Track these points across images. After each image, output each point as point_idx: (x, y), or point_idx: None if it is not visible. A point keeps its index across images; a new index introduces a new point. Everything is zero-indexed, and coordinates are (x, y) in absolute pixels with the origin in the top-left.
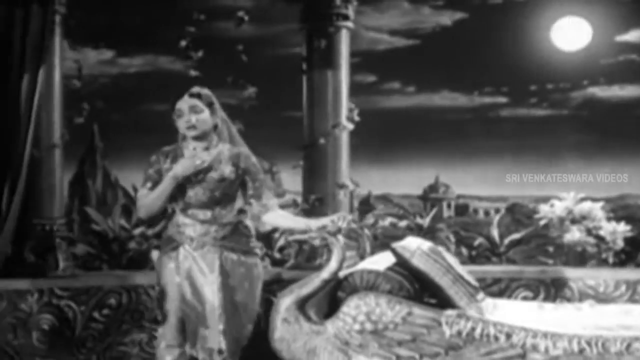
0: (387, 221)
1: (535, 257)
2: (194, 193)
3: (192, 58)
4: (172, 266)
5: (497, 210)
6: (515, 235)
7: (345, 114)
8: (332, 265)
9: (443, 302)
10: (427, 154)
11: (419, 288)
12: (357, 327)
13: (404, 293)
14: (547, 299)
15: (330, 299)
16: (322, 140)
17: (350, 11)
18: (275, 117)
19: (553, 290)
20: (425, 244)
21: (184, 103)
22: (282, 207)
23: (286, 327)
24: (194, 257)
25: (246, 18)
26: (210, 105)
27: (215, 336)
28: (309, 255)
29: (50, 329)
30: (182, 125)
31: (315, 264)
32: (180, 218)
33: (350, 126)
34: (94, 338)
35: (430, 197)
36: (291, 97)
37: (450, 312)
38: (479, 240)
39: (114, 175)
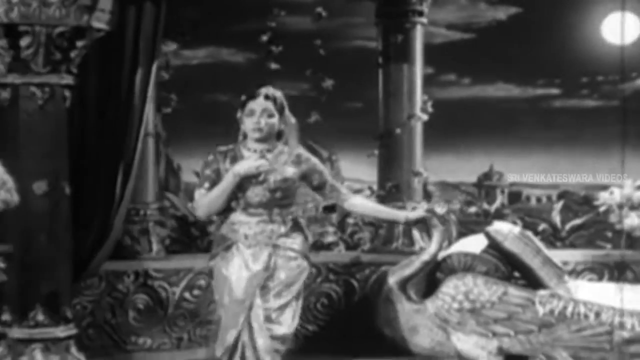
0: (457, 207)
1: (595, 241)
2: (255, 193)
3: (272, 52)
4: (226, 268)
5: (548, 198)
6: (576, 221)
7: (419, 105)
8: (433, 247)
9: (532, 283)
10: (481, 143)
11: (509, 269)
12: (456, 305)
13: (499, 274)
14: (610, 281)
15: (428, 280)
16: (398, 130)
17: (425, 8)
18: (351, 108)
19: (616, 273)
20: (515, 228)
21: (258, 104)
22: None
23: (389, 306)
24: (247, 256)
25: (324, 14)
26: (281, 110)
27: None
28: (385, 239)
29: (145, 308)
30: (250, 125)
31: (392, 247)
32: (236, 216)
33: (425, 117)
34: (184, 317)
35: (484, 184)
36: (366, 89)
37: (543, 292)
38: (542, 226)
39: (177, 163)
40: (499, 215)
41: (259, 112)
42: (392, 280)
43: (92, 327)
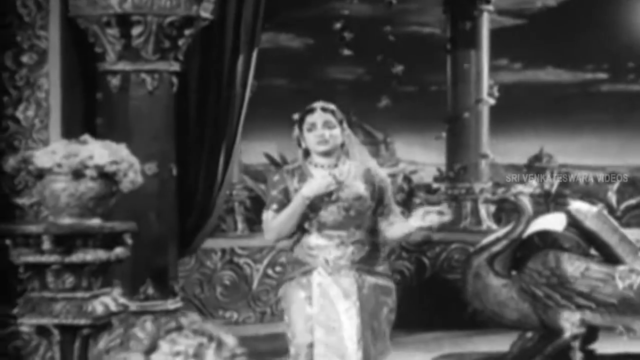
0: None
1: None
2: (329, 212)
3: (345, 39)
4: (303, 296)
5: (595, 179)
6: (631, 201)
7: (486, 90)
8: (520, 226)
9: (610, 259)
10: (531, 126)
11: (588, 246)
12: (542, 280)
13: (580, 251)
14: None
15: (513, 256)
16: (466, 114)
17: None
18: (419, 92)
19: None
20: (594, 207)
21: (318, 117)
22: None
23: (478, 281)
24: (329, 282)
25: (394, 1)
26: (341, 122)
27: None
28: (454, 219)
29: (231, 284)
30: (313, 139)
31: (460, 227)
32: (312, 239)
33: (492, 101)
34: (267, 292)
35: (534, 166)
36: (434, 74)
37: (622, 267)
38: (599, 206)
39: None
40: (559, 195)
41: (321, 124)
42: (482, 256)
43: (182, 302)
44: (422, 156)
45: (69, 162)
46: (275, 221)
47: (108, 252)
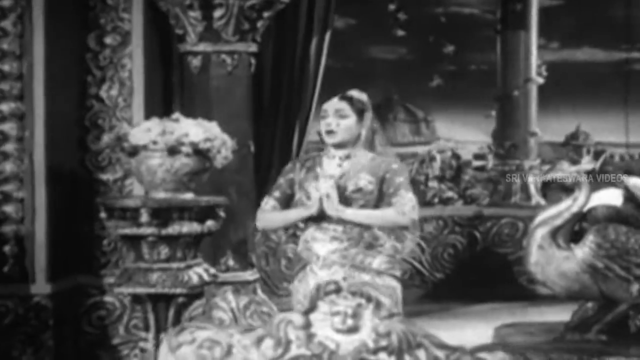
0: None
1: None
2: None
3: (399, 20)
4: (301, 294)
5: (631, 156)
6: None
7: (535, 69)
8: (581, 200)
9: None
10: (568, 105)
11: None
12: (602, 252)
13: (638, 224)
14: None
15: (572, 229)
16: (516, 93)
17: None
18: (470, 72)
19: None
20: None
21: (331, 105)
22: (441, 152)
23: (541, 253)
24: (319, 278)
25: None
26: (360, 112)
27: None
28: (504, 194)
29: (294, 257)
30: (323, 127)
31: (510, 202)
32: (310, 231)
33: (540, 80)
34: None
35: (571, 143)
36: (484, 54)
37: None
38: None
39: None
40: (603, 172)
41: (332, 112)
42: (545, 229)
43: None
44: (463, 134)
45: (165, 140)
46: (270, 215)
47: (201, 224)
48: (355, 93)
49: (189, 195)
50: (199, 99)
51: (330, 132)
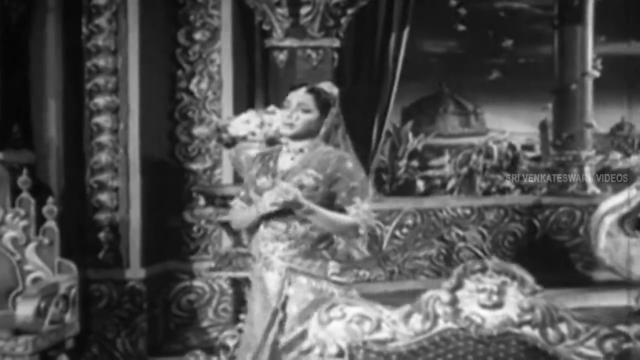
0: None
1: None
2: None
3: (460, 15)
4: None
5: None
6: None
7: (590, 63)
8: None
9: None
10: (614, 97)
11: None
12: None
13: None
14: None
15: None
16: (573, 86)
17: None
18: (526, 65)
19: None
20: None
21: (295, 96)
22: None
23: (610, 240)
24: (260, 276)
25: None
26: (324, 107)
27: None
28: (561, 184)
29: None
30: (283, 118)
31: (567, 191)
32: (261, 229)
33: (596, 74)
34: (395, 252)
35: (616, 134)
36: (541, 48)
37: None
38: None
39: None
40: None
41: (295, 104)
42: (614, 216)
43: None
44: (512, 125)
45: (263, 131)
46: (236, 216)
47: None
48: (325, 86)
49: None
50: (284, 92)
51: (287, 125)
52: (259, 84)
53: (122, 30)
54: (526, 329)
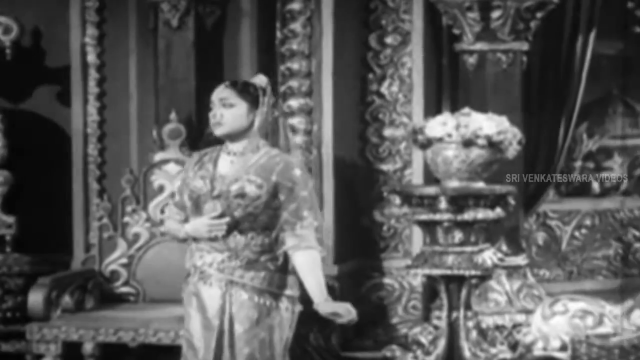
0: None
1: None
2: (211, 209)
3: (637, 17)
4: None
5: None
6: None
7: None
8: None
9: None
10: None
11: None
12: None
13: None
14: None
15: None
16: None
17: None
18: None
19: None
20: None
21: (215, 93)
22: None
23: None
24: (196, 292)
25: None
26: (253, 99)
27: None
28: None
29: (544, 244)
30: (210, 120)
31: None
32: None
33: None
34: (574, 252)
35: None
36: None
37: None
38: None
39: None
40: None
41: (217, 102)
42: None
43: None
44: None
45: (460, 133)
46: (167, 228)
47: (492, 211)
48: (256, 79)
49: (481, 184)
50: (475, 94)
51: (215, 124)
52: (446, 87)
53: (316, 34)
54: None
